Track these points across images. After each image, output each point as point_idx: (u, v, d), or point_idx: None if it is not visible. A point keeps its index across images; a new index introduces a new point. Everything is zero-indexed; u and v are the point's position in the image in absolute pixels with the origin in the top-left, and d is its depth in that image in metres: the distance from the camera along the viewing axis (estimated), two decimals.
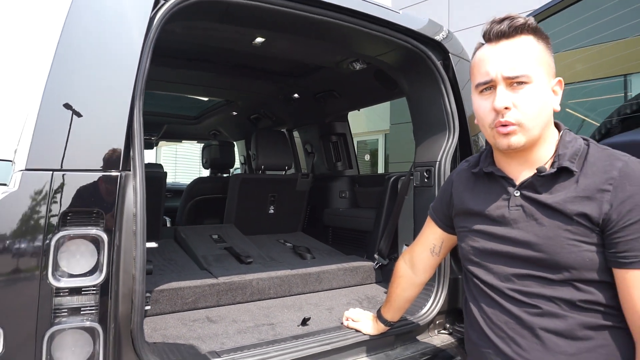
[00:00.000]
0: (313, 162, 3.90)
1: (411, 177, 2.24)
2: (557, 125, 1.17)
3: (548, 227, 1.06)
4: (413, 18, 1.96)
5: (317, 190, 3.64)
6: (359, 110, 3.53)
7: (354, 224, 3.20)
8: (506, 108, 1.06)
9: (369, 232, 2.90)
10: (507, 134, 1.08)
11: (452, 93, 2.04)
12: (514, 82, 1.07)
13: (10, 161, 2.27)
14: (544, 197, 1.08)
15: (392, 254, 2.56)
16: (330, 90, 3.29)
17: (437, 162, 2.03)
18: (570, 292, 1.03)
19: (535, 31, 1.10)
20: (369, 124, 10.91)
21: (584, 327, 1.02)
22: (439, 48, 2.04)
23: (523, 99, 1.06)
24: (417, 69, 2.10)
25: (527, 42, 1.08)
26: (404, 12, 1.91)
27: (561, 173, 1.08)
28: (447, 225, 1.39)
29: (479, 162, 1.26)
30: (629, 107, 1.50)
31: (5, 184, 2.74)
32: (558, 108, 1.11)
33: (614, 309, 1.02)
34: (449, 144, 2.04)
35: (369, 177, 3.66)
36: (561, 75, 1.16)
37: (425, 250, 1.48)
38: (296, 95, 3.51)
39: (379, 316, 1.66)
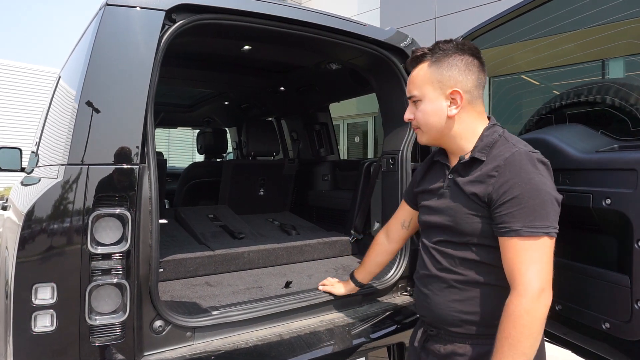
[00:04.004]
0: (299, 149, 4.24)
1: (380, 163, 2.61)
2: (489, 119, 1.47)
3: (456, 203, 1.37)
4: (379, 29, 2.30)
5: (303, 173, 3.98)
6: (338, 102, 3.87)
7: (335, 203, 3.57)
8: (410, 119, 1.48)
9: (347, 211, 3.27)
10: (416, 134, 1.51)
11: None
12: (413, 100, 1.46)
13: (34, 152, 2.61)
14: (460, 180, 1.40)
15: (366, 230, 2.94)
16: (312, 85, 3.61)
17: (400, 151, 2.38)
18: (467, 254, 1.36)
19: (430, 56, 1.41)
20: (359, 106, 11.14)
21: (471, 282, 1.36)
22: (402, 54, 2.37)
23: (419, 112, 1.44)
24: (383, 71, 2.43)
25: (420, 69, 1.43)
26: (370, 25, 2.25)
27: (475, 161, 1.36)
28: (414, 203, 1.71)
29: (436, 153, 1.60)
30: (544, 109, 1.87)
31: (24, 169, 3.08)
32: (451, 114, 1.39)
33: (497, 268, 1.30)
34: (409, 136, 2.39)
35: (348, 162, 4.01)
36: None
37: (397, 223, 1.81)
38: (282, 88, 3.83)
39: (352, 277, 2.01)
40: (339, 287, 2.07)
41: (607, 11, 1.70)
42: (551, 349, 2.14)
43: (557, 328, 1.69)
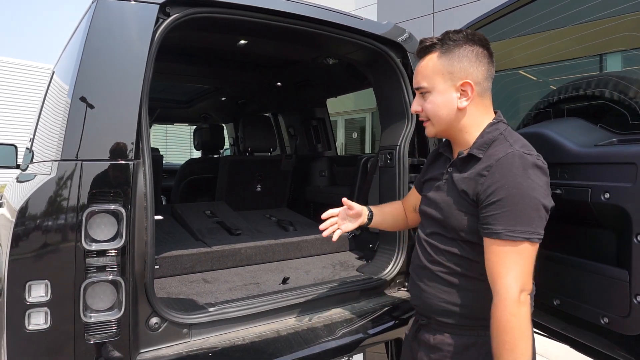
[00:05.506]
0: (296, 144, 4.23)
1: (378, 159, 2.59)
2: (496, 114, 1.44)
3: (449, 197, 1.38)
4: (376, 23, 2.28)
5: (300, 169, 3.97)
6: (335, 97, 3.86)
7: (332, 199, 3.55)
8: (417, 111, 1.46)
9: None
10: (425, 126, 1.47)
11: (410, 87, 2.37)
12: (421, 92, 1.43)
13: (29, 149, 2.59)
14: (455, 175, 1.39)
15: (363, 225, 2.92)
16: (309, 80, 3.59)
17: (397, 146, 2.36)
18: (453, 248, 1.37)
19: (440, 47, 1.38)
20: (357, 102, 11.13)
21: (457, 275, 1.37)
22: (399, 48, 2.35)
23: (427, 104, 1.41)
24: (381, 65, 2.42)
25: (429, 60, 1.40)
26: (367, 19, 2.22)
27: (472, 157, 1.34)
28: (421, 191, 1.67)
29: (442, 144, 1.58)
30: (542, 103, 1.85)
31: (19, 166, 3.05)
32: (461, 106, 1.36)
33: (481, 263, 1.29)
34: (407, 130, 2.37)
35: (345, 158, 4.00)
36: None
37: (408, 206, 1.79)
38: (279, 83, 3.81)
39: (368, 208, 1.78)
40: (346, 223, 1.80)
41: (604, 5, 1.68)
42: (549, 344, 2.14)
43: (556, 323, 1.68)
